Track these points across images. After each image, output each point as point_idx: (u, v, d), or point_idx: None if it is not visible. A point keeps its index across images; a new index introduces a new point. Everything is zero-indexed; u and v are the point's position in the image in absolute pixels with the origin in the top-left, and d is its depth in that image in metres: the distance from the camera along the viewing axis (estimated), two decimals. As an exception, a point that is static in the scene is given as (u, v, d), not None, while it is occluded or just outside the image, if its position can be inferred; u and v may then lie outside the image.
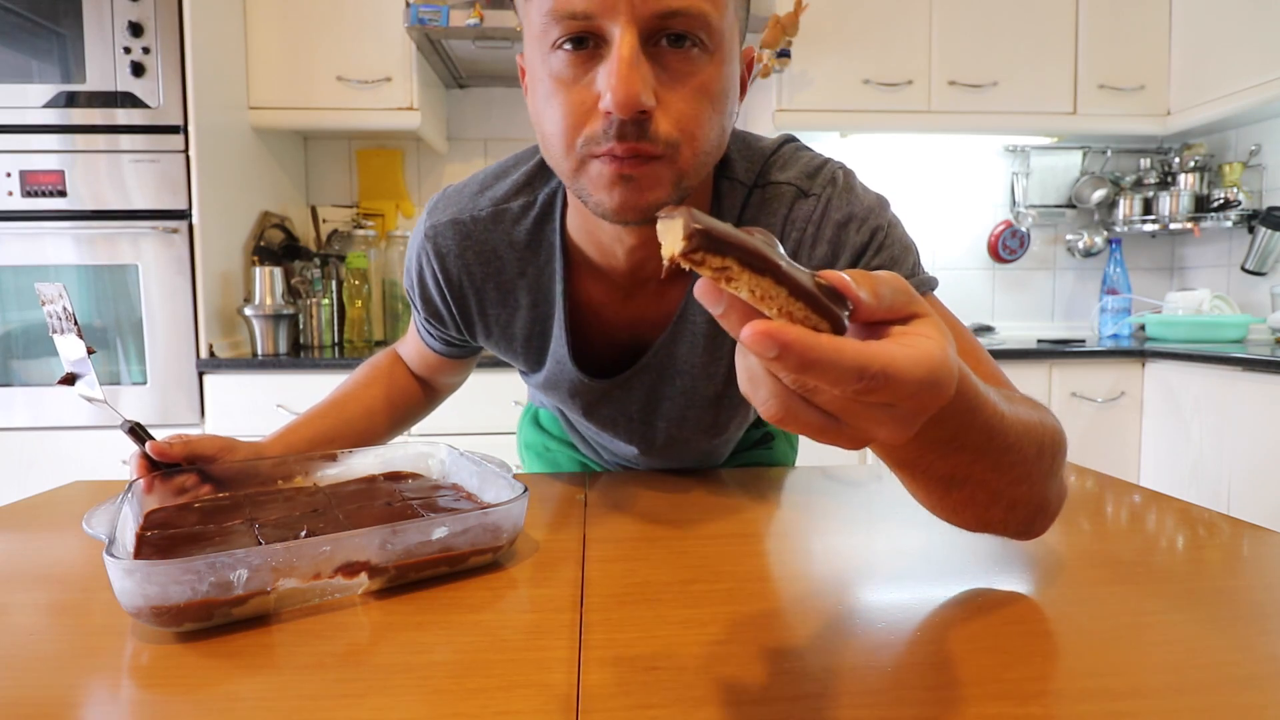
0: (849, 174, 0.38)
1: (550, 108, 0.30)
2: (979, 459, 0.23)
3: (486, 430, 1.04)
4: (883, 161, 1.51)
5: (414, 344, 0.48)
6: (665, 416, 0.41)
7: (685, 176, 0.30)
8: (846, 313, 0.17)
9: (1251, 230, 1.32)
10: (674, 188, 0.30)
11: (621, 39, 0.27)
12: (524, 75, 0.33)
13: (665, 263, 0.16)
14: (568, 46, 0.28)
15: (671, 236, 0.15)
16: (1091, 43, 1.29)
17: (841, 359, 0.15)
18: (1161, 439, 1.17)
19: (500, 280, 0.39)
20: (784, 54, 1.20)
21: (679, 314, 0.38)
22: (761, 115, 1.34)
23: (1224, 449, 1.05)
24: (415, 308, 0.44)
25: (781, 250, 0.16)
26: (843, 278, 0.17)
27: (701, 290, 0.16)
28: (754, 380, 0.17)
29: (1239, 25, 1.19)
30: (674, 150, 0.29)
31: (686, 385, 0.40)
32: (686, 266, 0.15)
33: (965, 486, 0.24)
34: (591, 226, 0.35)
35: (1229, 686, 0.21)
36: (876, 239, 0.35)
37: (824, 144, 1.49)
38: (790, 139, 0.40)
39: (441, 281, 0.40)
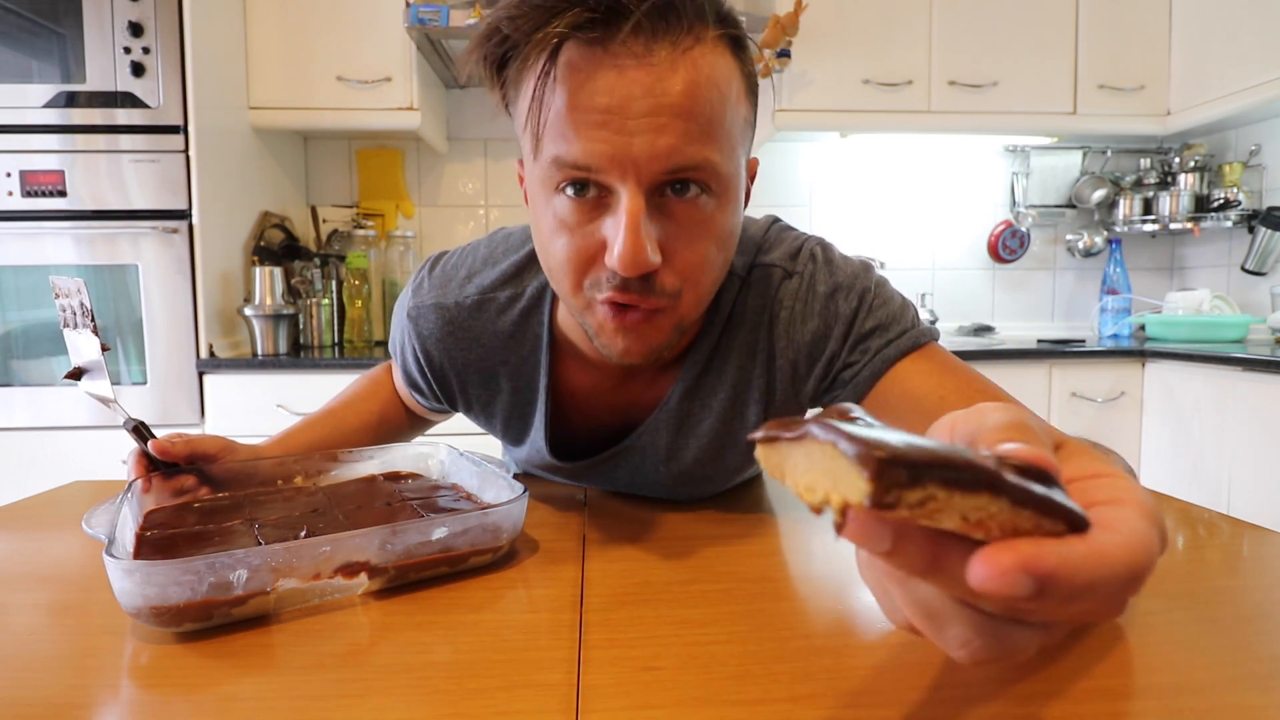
0: (827, 247, 0.38)
1: (555, 247, 0.30)
2: None
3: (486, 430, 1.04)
4: (883, 161, 1.51)
5: (401, 383, 0.48)
6: (652, 493, 0.41)
7: (686, 319, 0.31)
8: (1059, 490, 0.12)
9: (1251, 230, 1.32)
10: (674, 331, 0.31)
11: (629, 200, 0.27)
12: (522, 181, 0.33)
13: (834, 519, 0.11)
14: (571, 192, 0.29)
15: (821, 472, 0.11)
16: (1091, 43, 1.29)
17: (1114, 568, 0.12)
18: (1161, 439, 1.17)
19: (482, 366, 0.39)
20: (784, 54, 1.20)
21: (664, 402, 0.38)
22: (761, 115, 1.34)
23: (1224, 449, 1.05)
24: (398, 370, 0.44)
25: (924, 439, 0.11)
26: (1040, 455, 0.13)
27: (861, 531, 0.12)
28: (937, 618, 0.13)
29: (1239, 25, 1.19)
30: (675, 300, 0.30)
31: (675, 470, 0.39)
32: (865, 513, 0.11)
33: None
34: None
35: (1229, 686, 0.21)
36: (865, 301, 0.36)
37: (824, 144, 1.49)
38: (775, 220, 0.40)
39: (423, 361, 0.40)
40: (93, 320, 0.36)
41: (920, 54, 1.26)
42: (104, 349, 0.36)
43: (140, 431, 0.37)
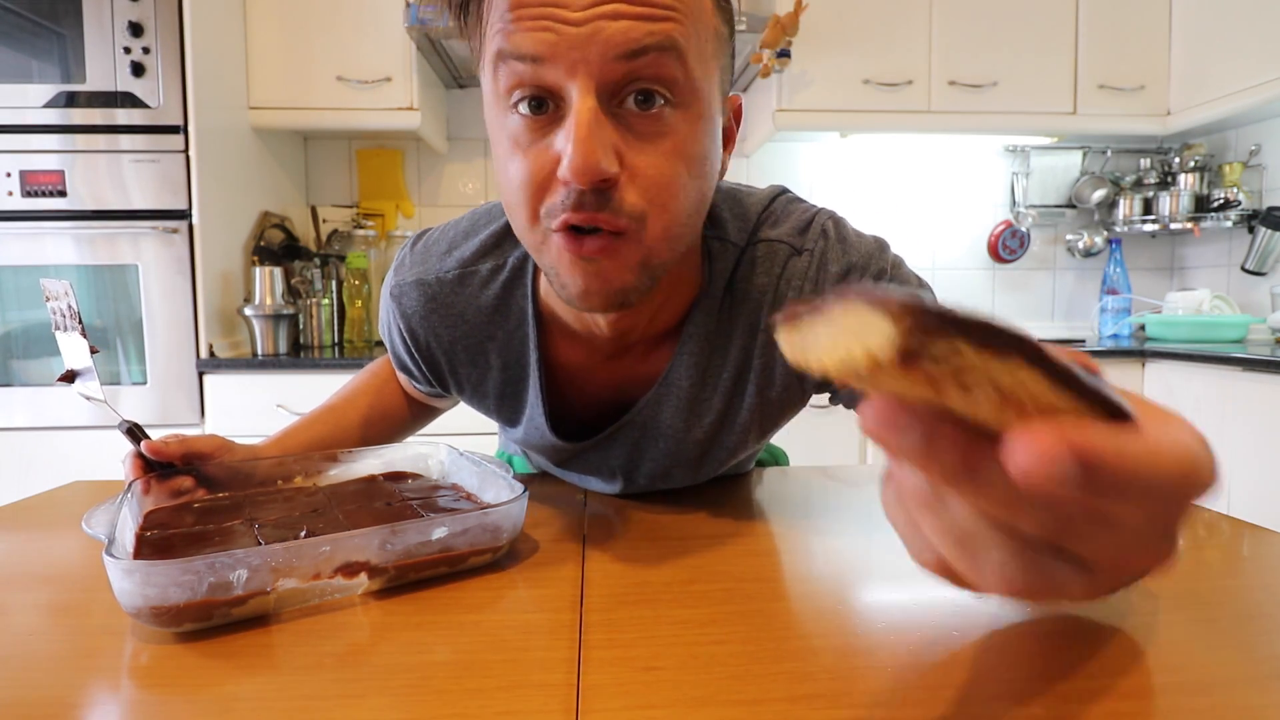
0: (839, 223, 0.36)
1: (510, 173, 0.27)
2: None
3: (486, 430, 1.04)
4: (883, 161, 1.52)
5: (395, 367, 0.47)
6: (647, 473, 0.40)
7: (654, 254, 0.28)
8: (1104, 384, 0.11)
9: (1251, 230, 1.32)
10: (641, 269, 0.28)
11: (581, 99, 0.25)
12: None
13: (857, 377, 0.10)
14: (524, 110, 0.26)
15: (845, 332, 0.10)
16: (1091, 43, 1.29)
17: (1168, 466, 0.10)
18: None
19: (469, 343, 0.38)
20: (784, 54, 1.20)
21: (664, 376, 0.36)
22: (761, 115, 1.34)
23: (1224, 449, 1.05)
24: (390, 354, 0.43)
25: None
26: (1084, 355, 0.13)
27: (888, 414, 0.10)
28: (971, 544, 0.12)
29: (1239, 25, 1.19)
30: (640, 224, 0.27)
31: (670, 447, 0.38)
32: (874, 384, 0.10)
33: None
34: None
35: (1229, 686, 0.21)
36: (881, 283, 0.34)
37: (824, 144, 1.49)
38: (782, 191, 0.38)
39: (408, 340, 0.39)
40: (80, 322, 0.36)
41: (920, 54, 1.26)
42: (93, 351, 0.36)
43: (134, 433, 0.36)
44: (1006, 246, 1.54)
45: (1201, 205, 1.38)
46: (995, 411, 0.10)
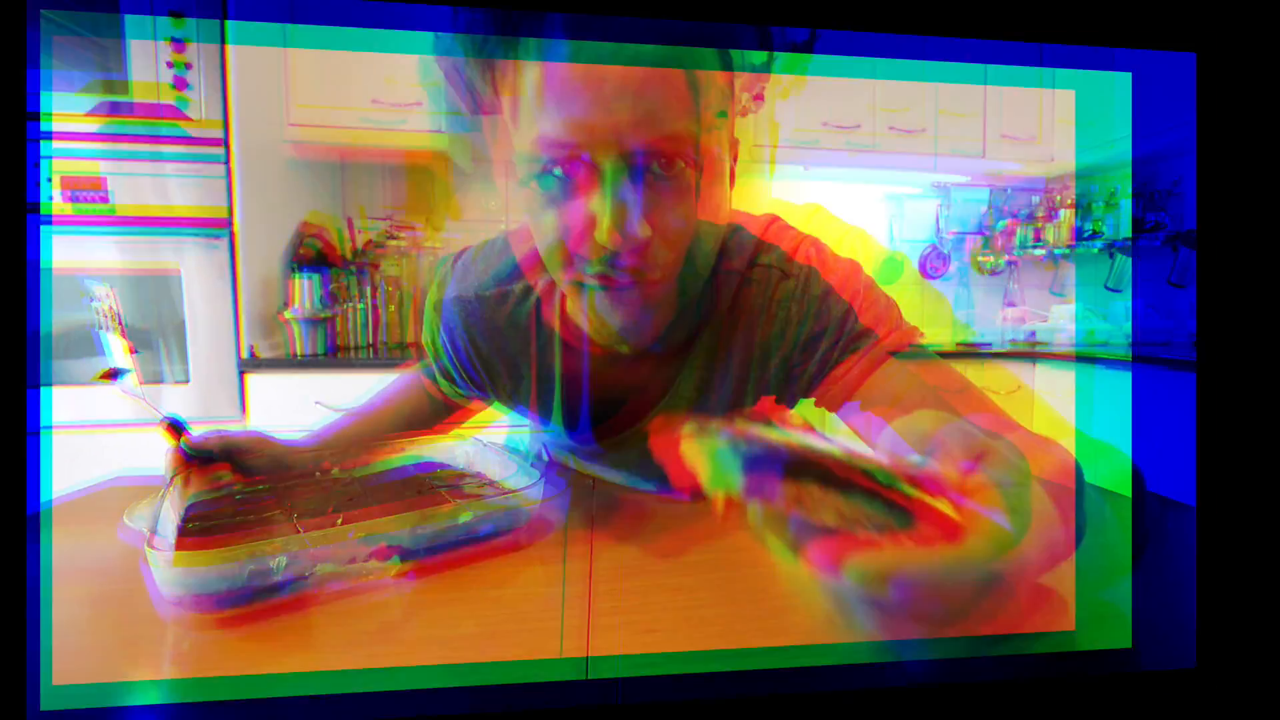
0: (821, 249, 0.36)
1: (543, 227, 0.27)
2: None
3: (507, 423, 1.01)
4: (839, 186, 1.55)
5: (430, 375, 0.45)
6: (657, 477, 0.39)
7: (683, 291, 0.29)
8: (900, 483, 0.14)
9: (1111, 255, 1.42)
10: (669, 308, 0.29)
11: (613, 172, 0.25)
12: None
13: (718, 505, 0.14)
14: (558, 173, 0.26)
15: (720, 476, 0.14)
16: (995, 102, 1.34)
17: (931, 560, 0.13)
18: (1052, 426, 1.24)
19: (504, 356, 0.37)
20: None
21: (673, 389, 0.36)
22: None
23: (1067, 429, 1.12)
24: (428, 362, 0.42)
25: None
26: (921, 475, 0.15)
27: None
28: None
29: (1092, 97, 1.28)
30: (669, 271, 0.28)
31: None
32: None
33: None
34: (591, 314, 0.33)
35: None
36: (856, 302, 0.34)
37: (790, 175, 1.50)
38: (773, 220, 0.38)
39: (451, 351, 0.38)
40: (120, 324, 0.33)
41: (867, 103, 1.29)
42: (132, 351, 0.33)
43: (175, 428, 0.33)
44: (932, 265, 1.60)
45: (1080, 234, 1.47)
46: (836, 520, 0.14)
